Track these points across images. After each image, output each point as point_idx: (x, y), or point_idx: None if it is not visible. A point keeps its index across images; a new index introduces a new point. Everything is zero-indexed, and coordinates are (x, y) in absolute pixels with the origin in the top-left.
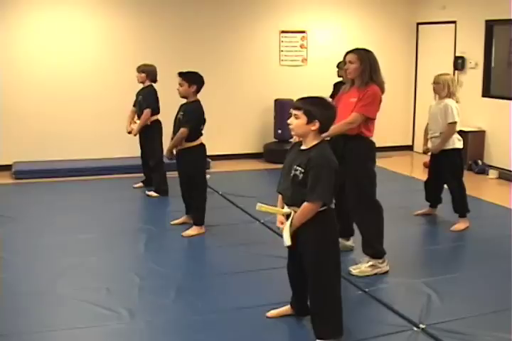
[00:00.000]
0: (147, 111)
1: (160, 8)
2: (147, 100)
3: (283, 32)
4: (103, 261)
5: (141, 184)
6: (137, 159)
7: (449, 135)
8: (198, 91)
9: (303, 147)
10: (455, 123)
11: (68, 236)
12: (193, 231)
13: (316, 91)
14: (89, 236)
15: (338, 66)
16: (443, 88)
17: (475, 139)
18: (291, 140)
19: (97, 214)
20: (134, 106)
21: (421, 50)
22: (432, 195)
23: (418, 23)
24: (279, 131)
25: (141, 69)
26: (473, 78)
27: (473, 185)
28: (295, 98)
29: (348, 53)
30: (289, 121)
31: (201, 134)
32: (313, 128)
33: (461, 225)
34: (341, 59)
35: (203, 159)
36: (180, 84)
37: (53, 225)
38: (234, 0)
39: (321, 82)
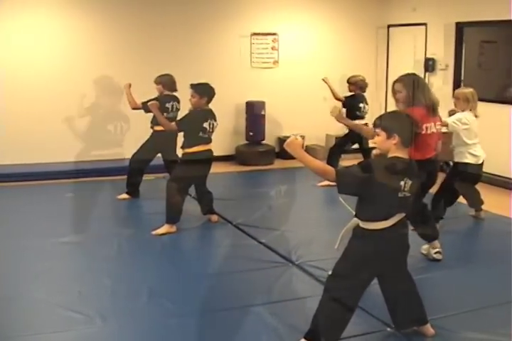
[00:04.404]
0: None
1: (135, 11)
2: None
3: (254, 34)
4: (76, 265)
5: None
6: (114, 162)
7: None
8: (209, 101)
9: None
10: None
11: (42, 240)
12: (163, 229)
13: (287, 92)
14: (63, 240)
15: (348, 81)
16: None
17: (444, 140)
18: (262, 142)
19: (71, 218)
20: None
21: (392, 52)
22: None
23: (389, 25)
24: (251, 133)
25: (157, 81)
26: (443, 80)
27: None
28: (267, 100)
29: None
30: (372, 140)
31: (199, 142)
32: (393, 142)
33: None
34: (312, 61)
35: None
36: (192, 96)
37: (27, 229)
38: (205, 2)
39: (292, 84)
